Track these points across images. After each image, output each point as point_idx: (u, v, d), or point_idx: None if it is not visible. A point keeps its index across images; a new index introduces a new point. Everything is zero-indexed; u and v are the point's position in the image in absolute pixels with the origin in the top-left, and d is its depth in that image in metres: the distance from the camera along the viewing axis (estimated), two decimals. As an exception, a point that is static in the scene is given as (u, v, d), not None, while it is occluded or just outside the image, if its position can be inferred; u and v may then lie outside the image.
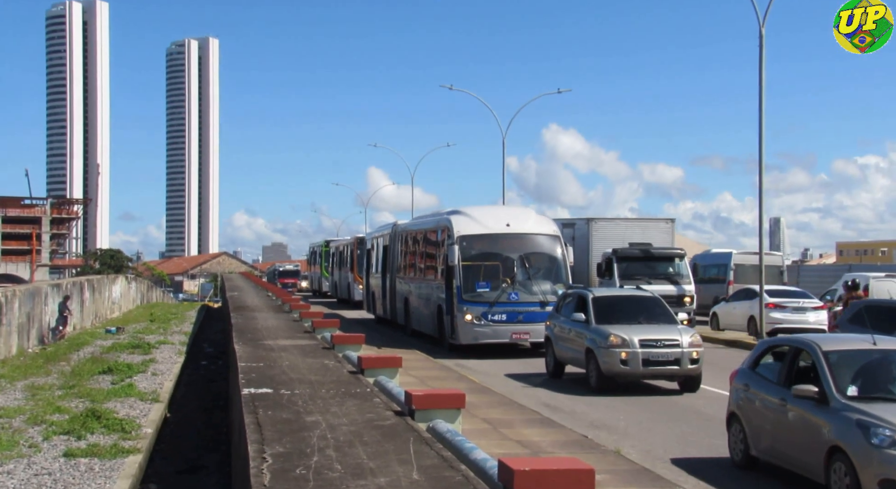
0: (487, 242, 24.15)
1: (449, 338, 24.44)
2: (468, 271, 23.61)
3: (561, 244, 24.46)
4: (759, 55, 27.19)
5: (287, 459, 6.31)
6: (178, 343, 26.71)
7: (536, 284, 23.83)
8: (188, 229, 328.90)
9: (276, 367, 11.37)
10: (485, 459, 6.23)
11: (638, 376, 17.60)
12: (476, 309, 23.35)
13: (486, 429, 13.04)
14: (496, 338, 23.45)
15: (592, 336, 17.89)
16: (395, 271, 31.44)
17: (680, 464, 11.80)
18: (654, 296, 19.50)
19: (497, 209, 28.35)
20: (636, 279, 26.87)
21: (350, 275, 45.67)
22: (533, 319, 23.19)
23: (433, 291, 26.05)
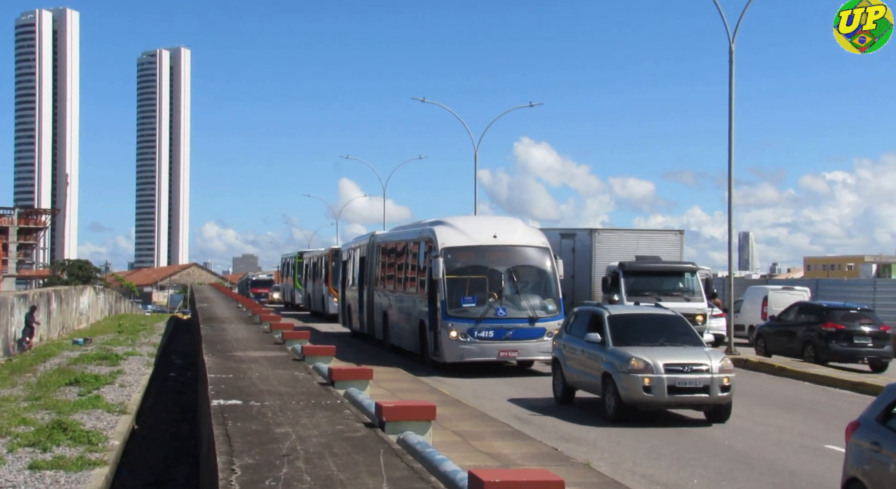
0: (473, 255, 22.88)
1: (432, 355, 23.08)
2: (453, 285, 22.30)
3: (550, 257, 23.14)
4: (729, 71, 27.45)
5: (256, 471, 6.27)
6: (147, 354, 26.49)
7: (525, 299, 22.46)
8: (158, 240, 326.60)
9: (245, 379, 11.30)
10: (455, 471, 6.22)
11: (662, 405, 15.82)
12: (462, 325, 21.97)
13: (457, 442, 13.02)
14: (483, 356, 22.06)
15: (610, 359, 16.14)
16: (373, 284, 30.04)
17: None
18: (677, 315, 17.80)
19: (483, 220, 27.01)
20: (644, 295, 25.23)
21: (325, 287, 44.64)
22: (521, 336, 22.03)
23: (415, 305, 24.69)
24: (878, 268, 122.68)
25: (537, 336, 22.02)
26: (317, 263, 48.16)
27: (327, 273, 43.83)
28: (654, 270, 27.04)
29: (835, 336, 25.42)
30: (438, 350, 22.45)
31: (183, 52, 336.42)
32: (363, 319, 31.46)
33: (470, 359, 22.03)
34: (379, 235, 30.96)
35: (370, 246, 30.89)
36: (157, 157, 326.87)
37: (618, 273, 26.45)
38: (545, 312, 22.17)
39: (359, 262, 32.65)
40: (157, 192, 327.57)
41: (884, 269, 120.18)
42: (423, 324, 23.55)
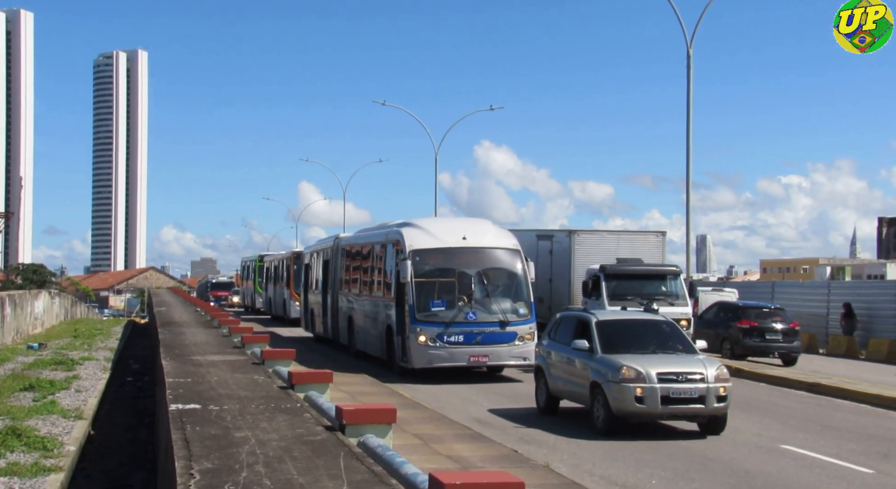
0: (442, 257, 22.15)
1: (399, 361, 22.30)
2: (421, 288, 21.56)
3: (521, 259, 22.45)
4: (687, 75, 27.77)
5: (215, 475, 6.24)
6: (104, 359, 26.21)
7: (496, 303, 21.71)
8: (115, 244, 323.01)
9: (204, 383, 11.22)
10: (415, 474, 6.23)
11: (655, 416, 14.99)
12: (430, 329, 21.23)
13: (417, 445, 13.02)
14: (452, 361, 21.37)
15: (599, 367, 15.25)
16: (338, 287, 29.35)
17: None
18: (668, 320, 17.04)
19: (452, 221, 26.40)
20: (627, 299, 24.18)
21: (286, 291, 43.98)
22: (492, 341, 21.44)
23: (381, 310, 23.96)
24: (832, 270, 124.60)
25: (508, 340, 21.55)
26: (278, 267, 47.45)
27: (289, 276, 43.21)
28: (637, 273, 26.02)
29: (749, 332, 26.96)
30: (406, 355, 21.73)
31: (140, 54, 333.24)
32: (327, 324, 30.81)
33: (439, 365, 21.41)
34: (343, 238, 30.34)
35: (334, 248, 30.23)
36: (114, 160, 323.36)
37: (599, 276, 25.47)
38: (516, 316, 21.70)
39: (322, 266, 32.02)
40: (114, 195, 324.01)
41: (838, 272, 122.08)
42: (391, 328, 22.90)
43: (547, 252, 27.74)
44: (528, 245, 26.75)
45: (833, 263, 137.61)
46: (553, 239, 28.32)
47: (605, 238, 28.18)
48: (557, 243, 28.02)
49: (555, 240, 28.28)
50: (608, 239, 28.18)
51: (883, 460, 13.49)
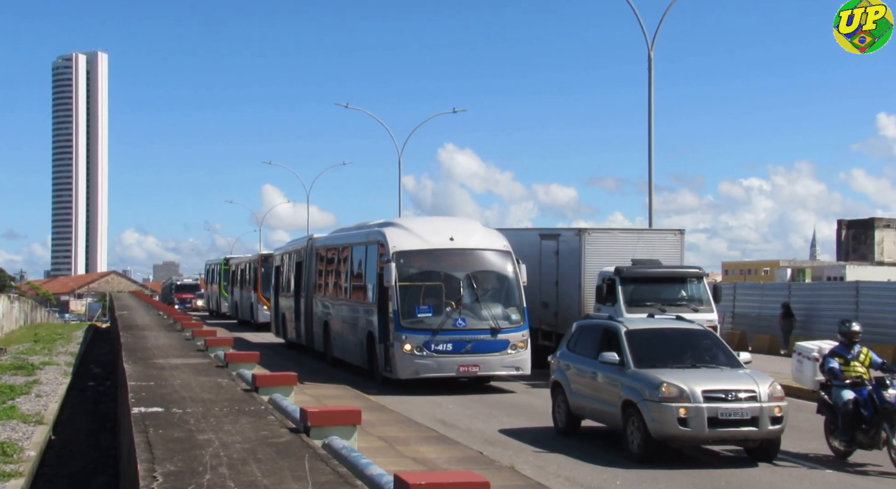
0: (428, 259, 20.75)
1: (382, 371, 20.79)
2: (406, 293, 20.16)
3: (513, 261, 20.98)
4: (649, 78, 28.03)
5: (178, 478, 6.20)
6: (64, 364, 25.91)
7: (486, 308, 20.25)
8: (75, 248, 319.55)
9: (167, 386, 11.14)
10: (381, 475, 6.23)
11: (700, 441, 13.06)
12: (416, 337, 19.74)
13: (383, 447, 13.00)
14: (440, 371, 19.86)
15: (633, 384, 13.35)
16: (312, 291, 27.68)
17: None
18: (705, 329, 15.29)
19: (437, 221, 24.53)
20: (647, 306, 21.60)
21: (254, 294, 42.94)
22: (483, 349, 19.95)
23: (362, 316, 22.43)
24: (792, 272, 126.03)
25: (500, 349, 20.07)
26: (245, 270, 46.58)
27: (256, 279, 42.40)
28: (657, 276, 23.24)
29: None
30: (390, 365, 20.20)
31: (100, 55, 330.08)
32: (300, 329, 29.33)
33: (426, 376, 19.90)
34: (318, 239, 28.65)
35: (308, 250, 28.72)
36: (74, 163, 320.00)
37: (614, 280, 22.55)
38: (508, 323, 20.27)
39: (294, 268, 30.56)
40: (75, 198, 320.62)
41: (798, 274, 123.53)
42: (372, 335, 21.43)
43: (552, 253, 25.22)
44: (531, 245, 25.29)
45: (793, 265, 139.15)
46: (560, 238, 25.56)
47: (618, 237, 25.34)
48: (565, 243, 25.30)
49: (562, 239, 25.48)
50: (622, 238, 25.33)
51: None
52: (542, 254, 25.42)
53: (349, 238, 25.02)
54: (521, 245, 24.00)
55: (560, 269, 24.82)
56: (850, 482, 12.22)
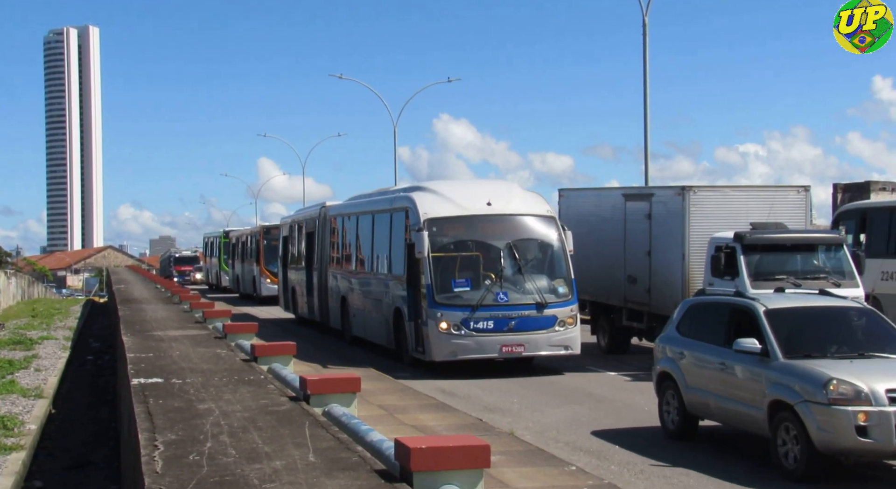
0: (464, 227, 18.86)
1: (412, 352, 18.84)
2: (440, 265, 18.21)
3: (558, 227, 18.97)
4: (643, 44, 27.85)
5: (180, 446, 6.21)
6: (63, 338, 25.94)
7: (530, 281, 18.25)
8: (71, 223, 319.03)
9: (166, 357, 11.15)
10: (381, 440, 6.24)
11: (888, 455, 10.28)
12: (454, 314, 17.74)
13: (382, 415, 13.04)
14: (481, 352, 17.85)
15: (786, 380, 10.57)
16: (327, 263, 25.72)
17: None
18: (866, 308, 12.50)
19: (471, 184, 22.50)
20: (776, 279, 17.63)
21: (256, 267, 41.50)
22: (528, 327, 17.93)
23: (387, 291, 20.40)
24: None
25: (547, 326, 18.03)
26: (246, 242, 45.35)
27: (259, 252, 41.09)
28: (788, 243, 18.80)
29: None
30: (423, 345, 18.24)
31: (91, 30, 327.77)
32: (313, 305, 27.24)
33: (464, 357, 17.90)
34: (332, 207, 26.59)
35: (321, 219, 26.66)
36: (68, 138, 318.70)
37: (734, 248, 18.31)
38: (555, 296, 18.24)
39: (305, 239, 28.48)
40: (69, 174, 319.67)
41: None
42: (400, 312, 19.40)
43: (643, 216, 20.61)
44: (612, 208, 21.51)
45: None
46: (653, 199, 20.73)
47: (729, 196, 20.73)
48: (660, 204, 20.50)
49: (656, 200, 20.63)
50: (734, 197, 20.70)
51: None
52: (628, 218, 20.98)
53: (370, 205, 22.96)
54: (598, 208, 21.52)
55: (654, 236, 20.27)
56: None
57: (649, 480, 10.19)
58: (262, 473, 5.48)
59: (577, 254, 19.53)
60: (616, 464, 10.88)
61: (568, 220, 21.34)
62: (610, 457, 11.27)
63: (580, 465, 10.44)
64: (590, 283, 21.09)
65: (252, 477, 5.40)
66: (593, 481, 9.59)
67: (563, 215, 21.92)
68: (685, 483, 10.10)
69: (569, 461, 10.58)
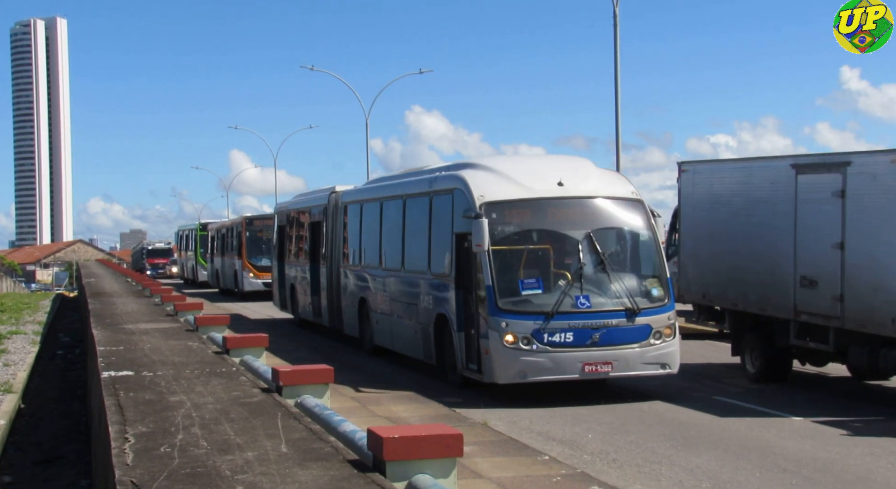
0: (531, 213, 15.03)
1: (463, 370, 15.01)
2: (503, 261, 14.51)
3: (647, 213, 15.26)
4: (614, 35, 27.91)
5: (151, 438, 6.17)
6: (32, 333, 25.70)
7: (616, 281, 14.53)
8: (40, 217, 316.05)
9: (137, 350, 11.07)
10: (354, 431, 6.23)
11: None
12: (522, 324, 13.94)
13: (355, 407, 13.04)
14: (558, 372, 14.01)
15: None
16: (339, 258, 22.10)
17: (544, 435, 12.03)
18: None
19: (534, 160, 18.52)
20: None
21: (238, 261, 38.87)
22: (616, 340, 14.16)
23: (427, 292, 16.58)
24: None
25: (640, 338, 14.27)
26: (226, 235, 43.10)
27: (241, 245, 38.91)
28: None
29: None
30: (481, 363, 14.38)
31: (59, 21, 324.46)
32: (319, 306, 23.69)
33: (537, 379, 14.04)
34: (346, 192, 22.73)
35: (330, 207, 22.98)
36: (36, 132, 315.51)
37: None
38: (648, 301, 14.51)
39: (309, 229, 25.04)
40: (38, 167, 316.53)
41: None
42: (445, 320, 15.69)
43: (829, 195, 14.59)
44: (772, 185, 15.77)
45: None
46: (848, 169, 14.46)
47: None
48: (864, 178, 14.31)
49: (855, 170, 14.40)
50: None
51: None
52: (802, 197, 15.07)
53: (400, 188, 19.07)
54: (746, 185, 16.51)
55: (850, 222, 14.43)
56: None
57: (622, 469, 10.25)
58: (234, 464, 5.46)
59: (711, 247, 16.38)
60: (589, 454, 10.93)
61: (694, 201, 17.59)
62: (583, 447, 11.32)
63: (553, 455, 10.49)
64: (732, 286, 16.40)
65: (224, 468, 5.38)
66: (566, 470, 9.64)
67: (687, 196, 17.90)
68: (657, 471, 10.15)
69: (542, 451, 10.63)
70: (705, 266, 16.69)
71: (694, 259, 16.03)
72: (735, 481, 9.68)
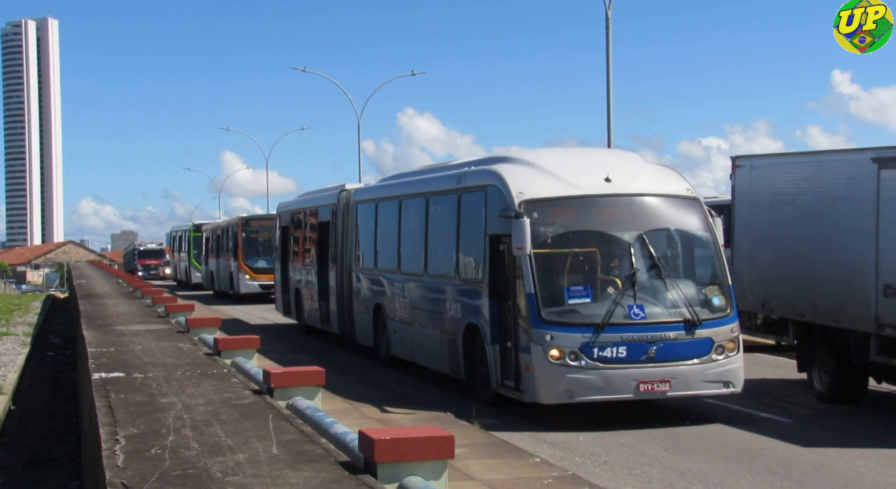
0: (577, 212, 13.47)
1: (497, 387, 13.43)
2: (546, 266, 12.95)
3: (704, 213, 13.67)
4: (607, 38, 27.97)
5: (141, 440, 6.16)
6: (23, 334, 25.64)
7: (673, 288, 12.96)
8: (31, 218, 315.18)
9: (128, 352, 11.06)
10: (345, 433, 6.24)
11: None
12: (570, 337, 12.41)
13: (347, 409, 13.03)
14: (610, 391, 12.44)
15: None
16: (351, 261, 20.59)
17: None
18: None
19: (577, 153, 16.09)
20: None
21: (234, 263, 37.93)
22: (674, 355, 12.59)
23: (455, 300, 15.02)
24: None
25: (700, 353, 12.69)
26: (221, 236, 42.14)
27: (237, 246, 38.09)
28: None
29: None
30: (521, 380, 12.78)
31: (50, 22, 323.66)
32: (328, 312, 22.20)
33: (586, 399, 12.50)
34: (358, 190, 21.24)
35: (341, 206, 21.54)
36: (27, 132, 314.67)
37: None
38: (709, 311, 12.96)
39: (317, 230, 23.42)
40: (28, 168, 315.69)
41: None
42: (476, 330, 14.12)
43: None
44: (848, 181, 13.93)
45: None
46: None
47: None
48: None
49: None
50: None
51: None
52: (883, 195, 13.02)
53: (421, 185, 17.52)
54: (814, 182, 14.72)
55: None
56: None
57: (613, 471, 10.26)
58: (225, 466, 5.46)
59: (773, 250, 14.89)
60: (580, 456, 10.94)
61: (750, 200, 15.96)
62: (574, 449, 11.33)
63: (544, 457, 10.49)
64: (799, 295, 14.57)
65: (215, 470, 5.38)
66: (557, 472, 9.65)
67: (742, 194, 16.22)
68: (647, 474, 10.17)
69: (533, 452, 10.63)
70: (765, 272, 14.89)
71: (751, 264, 14.31)
72: (725, 484, 9.70)
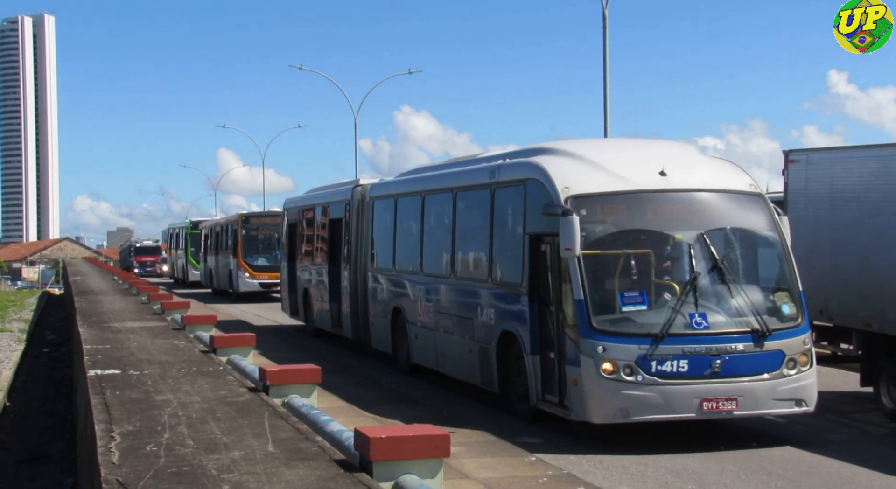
0: (629, 209, 12.03)
1: (538, 402, 12.08)
2: (596, 269, 11.56)
3: (770, 210, 12.28)
4: (604, 37, 28.01)
5: (137, 437, 6.15)
6: (18, 330, 25.63)
7: (738, 295, 11.54)
8: (26, 214, 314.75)
9: (123, 349, 11.04)
10: (341, 431, 6.24)
11: None
12: (625, 349, 11.02)
13: (344, 407, 13.03)
14: (670, 410, 11.03)
15: None
16: (366, 261, 19.27)
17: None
18: None
19: (627, 145, 14.54)
20: None
21: (233, 261, 37.17)
22: (740, 369, 11.18)
23: (488, 305, 13.59)
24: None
25: (770, 368, 11.30)
26: (220, 233, 41.47)
27: (237, 243, 37.26)
28: None
29: None
30: (567, 396, 11.43)
31: (46, 18, 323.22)
32: (340, 315, 20.84)
33: (643, 418, 11.09)
34: (375, 185, 19.69)
35: (355, 202, 20.17)
36: (23, 129, 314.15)
37: None
38: (778, 321, 11.59)
39: (329, 228, 21.94)
40: (24, 164, 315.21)
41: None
42: (513, 339, 12.74)
43: None
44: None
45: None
46: None
47: None
48: None
49: None
50: None
51: None
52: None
53: (448, 180, 16.01)
54: (880, 177, 13.32)
55: None
56: None
57: (608, 470, 10.26)
58: (220, 464, 5.45)
59: (834, 254, 13.76)
60: (575, 455, 10.94)
61: (807, 198, 14.62)
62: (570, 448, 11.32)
63: (539, 456, 10.49)
64: (865, 303, 13.14)
65: (210, 467, 5.37)
66: (552, 471, 9.65)
67: (796, 191, 14.93)
68: (642, 473, 10.17)
69: (528, 451, 10.63)
70: (825, 277, 13.62)
71: (808, 268, 12.86)
72: (720, 483, 9.70)
